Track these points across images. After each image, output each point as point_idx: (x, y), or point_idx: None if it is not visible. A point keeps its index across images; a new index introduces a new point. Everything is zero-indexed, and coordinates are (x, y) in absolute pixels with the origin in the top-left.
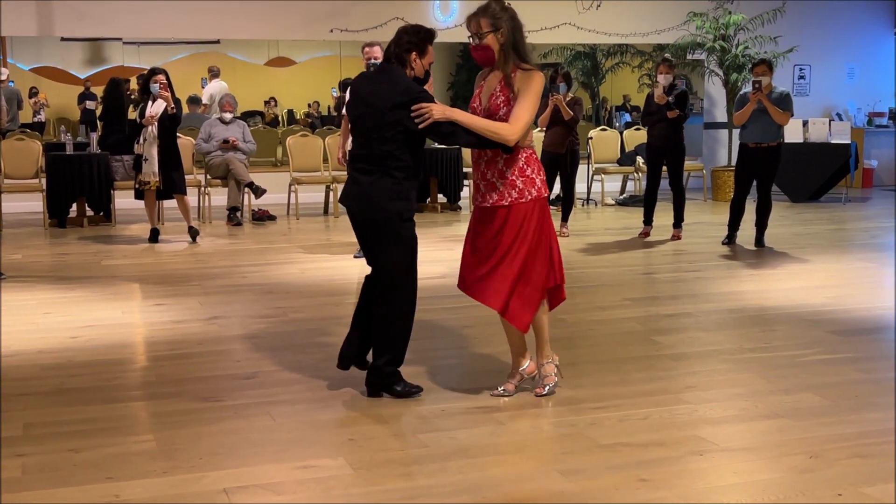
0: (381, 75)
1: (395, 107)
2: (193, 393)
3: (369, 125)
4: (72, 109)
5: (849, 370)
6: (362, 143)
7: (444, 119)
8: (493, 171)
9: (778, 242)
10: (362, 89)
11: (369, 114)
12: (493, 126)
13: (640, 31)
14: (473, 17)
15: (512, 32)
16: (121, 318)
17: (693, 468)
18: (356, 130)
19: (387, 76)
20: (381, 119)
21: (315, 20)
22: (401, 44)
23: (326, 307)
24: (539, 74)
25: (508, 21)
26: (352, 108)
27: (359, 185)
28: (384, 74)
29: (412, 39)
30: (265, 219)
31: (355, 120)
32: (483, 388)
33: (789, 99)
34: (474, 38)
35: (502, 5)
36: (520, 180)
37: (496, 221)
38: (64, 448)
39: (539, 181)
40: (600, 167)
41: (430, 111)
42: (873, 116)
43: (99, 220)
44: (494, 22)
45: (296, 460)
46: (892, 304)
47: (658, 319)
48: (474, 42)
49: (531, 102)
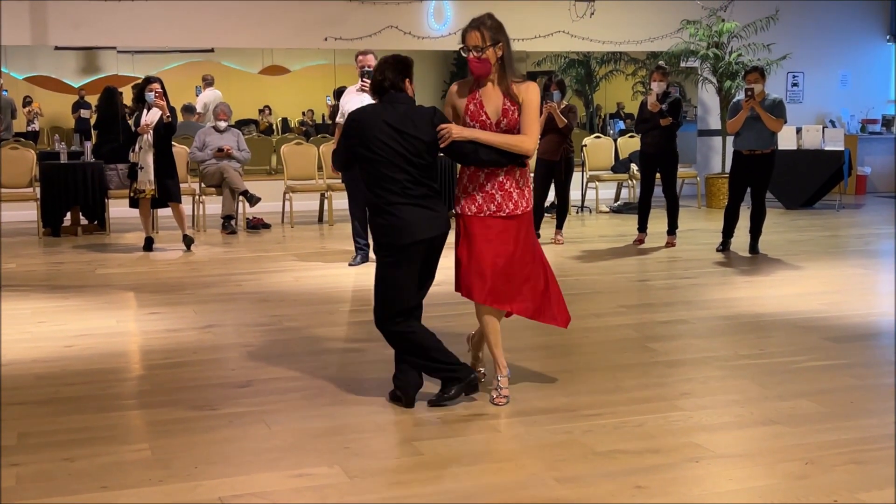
0: (396, 105)
1: (430, 128)
2: (188, 401)
3: (414, 152)
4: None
5: (844, 376)
6: (408, 171)
7: (462, 138)
8: (492, 183)
9: (772, 249)
10: (390, 120)
11: (410, 141)
12: (513, 140)
13: (633, 39)
14: (475, 30)
15: (508, 46)
16: (115, 327)
17: (689, 475)
18: (398, 161)
19: (402, 105)
20: (422, 144)
21: (309, 29)
22: (397, 72)
23: (321, 315)
24: (535, 85)
25: (505, 35)
26: (388, 142)
27: (434, 209)
28: (400, 104)
29: (401, 68)
30: (260, 227)
31: (397, 153)
32: (478, 396)
33: (782, 106)
34: (474, 51)
35: (496, 19)
36: (516, 192)
37: (511, 230)
38: (58, 457)
39: (528, 193)
40: (594, 175)
41: (450, 131)
42: (866, 123)
43: (93, 228)
44: (495, 36)
45: (291, 468)
46: (887, 310)
47: (653, 326)
48: (475, 55)
49: (537, 112)
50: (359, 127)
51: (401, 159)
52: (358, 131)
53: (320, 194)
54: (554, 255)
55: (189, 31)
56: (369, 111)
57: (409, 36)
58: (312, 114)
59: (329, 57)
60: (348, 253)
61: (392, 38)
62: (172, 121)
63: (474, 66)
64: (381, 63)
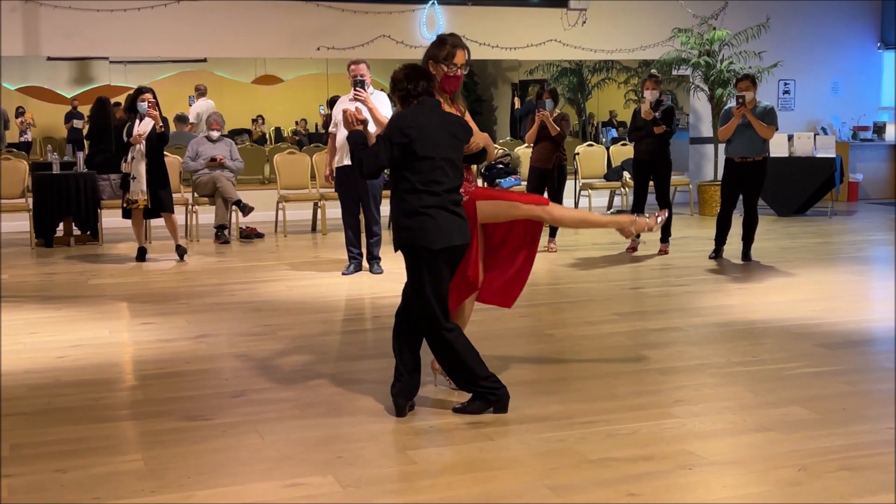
0: (439, 110)
1: (467, 135)
2: (181, 412)
3: (458, 157)
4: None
5: (836, 383)
6: (451, 175)
7: (487, 146)
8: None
9: (764, 256)
10: (443, 123)
11: (457, 146)
12: (490, 143)
13: (625, 48)
14: (463, 49)
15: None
16: (108, 338)
17: (682, 482)
18: (447, 165)
19: (442, 111)
20: (460, 147)
21: (301, 38)
22: (428, 80)
23: (314, 324)
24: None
25: None
26: (443, 144)
27: (460, 216)
28: (441, 110)
29: (429, 76)
30: (253, 236)
31: (448, 156)
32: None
33: (774, 113)
34: (463, 68)
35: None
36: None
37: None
38: (51, 468)
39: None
40: (587, 182)
41: (476, 140)
42: (858, 130)
43: (86, 239)
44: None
45: (285, 478)
46: (879, 316)
47: (646, 334)
48: (464, 71)
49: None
50: (417, 126)
51: (449, 163)
52: (417, 131)
53: (313, 203)
54: (548, 263)
55: (182, 42)
56: (420, 112)
57: (402, 45)
58: (305, 123)
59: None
60: (342, 262)
61: (384, 48)
62: (165, 131)
63: (457, 81)
64: (410, 72)
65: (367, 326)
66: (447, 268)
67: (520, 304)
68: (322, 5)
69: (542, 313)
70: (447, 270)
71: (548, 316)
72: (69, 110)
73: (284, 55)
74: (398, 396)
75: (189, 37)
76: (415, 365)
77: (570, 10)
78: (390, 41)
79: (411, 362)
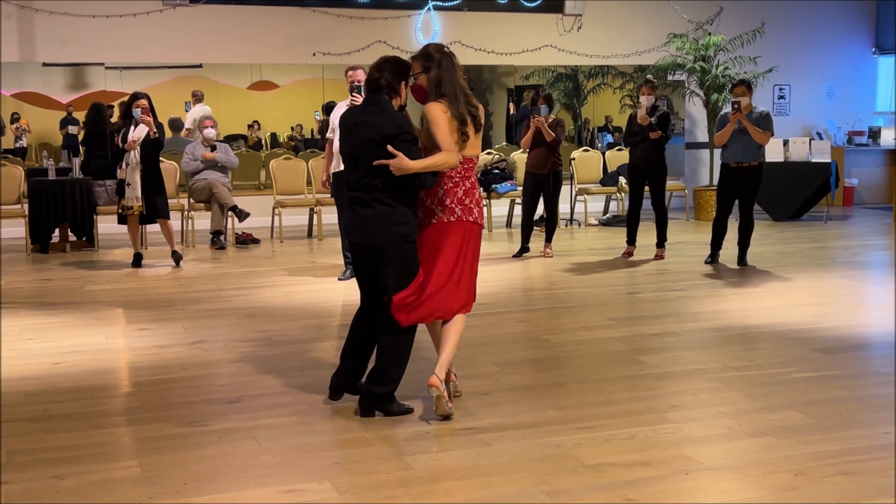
0: (368, 107)
1: (382, 138)
2: (178, 418)
3: (358, 156)
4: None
5: (832, 388)
6: (356, 174)
7: (403, 173)
8: (432, 199)
9: (760, 261)
10: (349, 121)
11: (358, 144)
12: (434, 160)
13: (621, 53)
14: (420, 58)
15: (434, 71)
16: (104, 344)
17: (679, 487)
18: (348, 162)
19: (375, 108)
20: (369, 150)
21: (298, 44)
22: (395, 73)
23: (311, 330)
24: (433, 104)
25: (434, 62)
26: (342, 141)
27: (358, 215)
28: (372, 106)
29: (399, 70)
30: (249, 242)
31: (346, 152)
32: (468, 410)
33: (769, 118)
34: (417, 76)
35: (437, 47)
36: (458, 208)
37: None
38: (47, 475)
39: (477, 211)
40: (583, 188)
41: (391, 166)
42: (853, 135)
43: (82, 245)
44: (424, 63)
45: (281, 485)
46: (875, 321)
47: (642, 339)
48: (416, 80)
49: (439, 128)
50: (341, 121)
51: (348, 162)
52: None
53: (309, 209)
54: (543, 268)
55: (177, 47)
56: (345, 113)
57: (398, 51)
58: (301, 129)
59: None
60: (338, 267)
61: (380, 53)
62: (160, 137)
63: (417, 90)
64: (383, 64)
65: None
66: (357, 259)
67: (516, 309)
68: (318, 11)
69: (538, 318)
70: (358, 262)
71: (544, 321)
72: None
73: (280, 61)
74: (338, 385)
75: (184, 43)
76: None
77: (565, 15)
78: (386, 47)
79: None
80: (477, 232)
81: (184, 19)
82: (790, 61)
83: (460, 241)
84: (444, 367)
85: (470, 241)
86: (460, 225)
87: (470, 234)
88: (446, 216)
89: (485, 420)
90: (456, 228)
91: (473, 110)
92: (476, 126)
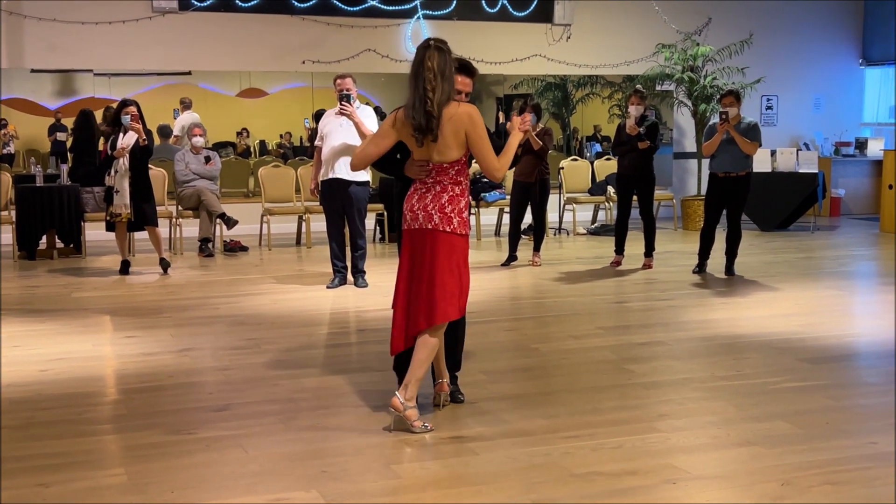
0: None
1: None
2: (165, 426)
3: None
4: (42, 141)
5: (819, 397)
6: None
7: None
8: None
9: (748, 271)
10: None
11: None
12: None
13: (609, 63)
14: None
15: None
16: (91, 351)
17: (666, 496)
18: None
19: None
20: None
21: (287, 51)
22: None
23: (299, 338)
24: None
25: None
26: None
27: None
28: None
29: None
30: (237, 250)
31: None
32: (457, 419)
33: (757, 129)
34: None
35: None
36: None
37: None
38: (33, 483)
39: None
40: (571, 197)
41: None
42: (840, 146)
43: (69, 252)
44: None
45: (268, 493)
46: (862, 331)
47: (630, 348)
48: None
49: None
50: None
51: None
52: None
53: (298, 217)
54: (531, 277)
55: (166, 54)
56: None
57: (387, 59)
58: (290, 136)
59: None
60: (326, 275)
61: (370, 61)
62: (149, 144)
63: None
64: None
65: (352, 340)
66: None
67: (505, 318)
68: (307, 19)
69: (526, 327)
70: None
71: (532, 330)
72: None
73: (270, 68)
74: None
75: (173, 50)
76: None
77: (554, 25)
78: (376, 55)
79: None
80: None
81: (173, 26)
82: (778, 72)
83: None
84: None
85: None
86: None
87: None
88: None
89: (473, 429)
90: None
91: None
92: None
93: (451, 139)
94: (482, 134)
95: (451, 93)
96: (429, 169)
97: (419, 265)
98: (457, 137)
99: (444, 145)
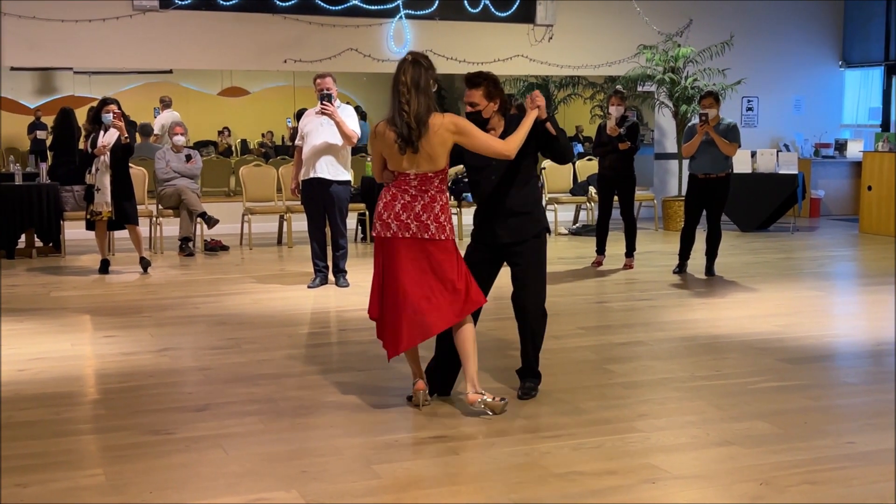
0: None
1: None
2: (144, 426)
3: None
4: (21, 139)
5: (798, 398)
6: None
7: None
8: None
9: (728, 271)
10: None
11: None
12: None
13: (591, 64)
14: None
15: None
16: (70, 351)
17: (646, 496)
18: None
19: None
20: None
21: (268, 51)
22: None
23: (279, 338)
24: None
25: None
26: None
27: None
28: None
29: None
30: (218, 249)
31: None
32: (437, 419)
33: (736, 130)
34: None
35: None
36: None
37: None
38: (11, 483)
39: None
40: (553, 197)
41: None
42: (820, 147)
43: (48, 251)
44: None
45: (249, 493)
46: (841, 331)
47: (611, 348)
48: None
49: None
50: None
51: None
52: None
53: (279, 216)
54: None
55: (147, 53)
56: None
57: (369, 59)
58: (272, 135)
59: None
60: (307, 275)
61: (352, 61)
62: (130, 142)
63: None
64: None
65: (333, 340)
66: None
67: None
68: (289, 18)
69: (508, 327)
70: None
71: (513, 330)
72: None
73: (251, 67)
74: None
75: (155, 48)
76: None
77: (536, 25)
78: (358, 54)
79: None
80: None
81: (154, 25)
82: (758, 74)
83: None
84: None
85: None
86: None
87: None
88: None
89: (453, 429)
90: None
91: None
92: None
93: (438, 149)
94: (474, 132)
95: (431, 105)
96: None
97: (419, 271)
98: (444, 146)
99: (432, 155)
